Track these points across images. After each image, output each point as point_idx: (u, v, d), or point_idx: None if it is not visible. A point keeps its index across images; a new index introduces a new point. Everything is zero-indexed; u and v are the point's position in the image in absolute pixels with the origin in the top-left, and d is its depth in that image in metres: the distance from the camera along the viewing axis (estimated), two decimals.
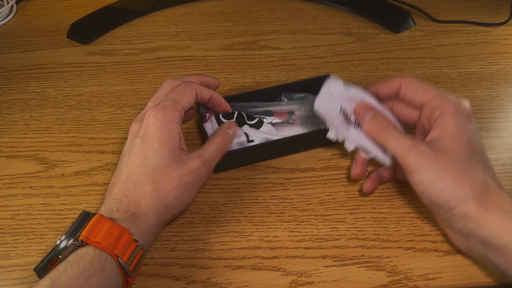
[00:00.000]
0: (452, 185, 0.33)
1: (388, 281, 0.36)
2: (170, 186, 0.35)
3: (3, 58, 0.58)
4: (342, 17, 0.65)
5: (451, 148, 0.34)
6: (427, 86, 0.38)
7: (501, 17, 0.64)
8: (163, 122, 0.36)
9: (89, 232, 0.31)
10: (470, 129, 0.35)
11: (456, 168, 0.33)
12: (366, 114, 0.39)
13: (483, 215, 0.32)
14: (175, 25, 0.63)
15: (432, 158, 0.34)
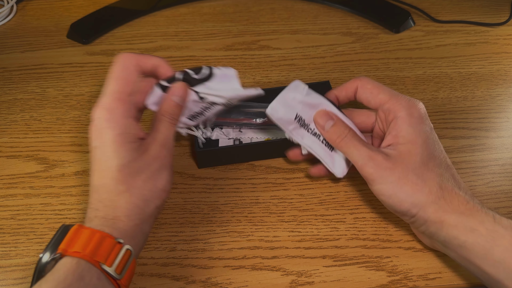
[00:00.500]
0: (410, 195, 0.34)
1: (388, 281, 0.36)
2: (140, 180, 0.34)
3: (3, 58, 0.58)
4: (342, 17, 0.65)
5: (407, 155, 0.35)
6: (381, 88, 0.38)
7: (501, 17, 0.64)
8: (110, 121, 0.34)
9: (67, 244, 0.30)
10: (424, 131, 0.35)
11: (413, 176, 0.34)
12: (326, 123, 0.38)
13: (441, 219, 0.33)
14: (175, 25, 0.63)
15: (388, 168, 0.34)
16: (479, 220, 0.32)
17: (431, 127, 0.36)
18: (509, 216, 0.40)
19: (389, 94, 0.37)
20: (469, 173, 0.44)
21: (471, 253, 0.32)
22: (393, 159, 0.35)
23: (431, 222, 0.34)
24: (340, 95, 0.41)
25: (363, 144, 0.36)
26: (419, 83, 0.54)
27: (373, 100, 0.38)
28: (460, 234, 0.32)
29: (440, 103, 0.51)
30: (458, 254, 0.33)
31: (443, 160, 0.35)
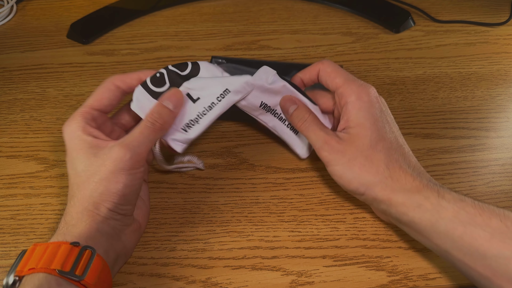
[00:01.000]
0: (358, 175, 0.36)
1: (388, 281, 0.36)
2: (92, 183, 0.33)
3: (3, 58, 0.58)
4: (342, 17, 0.65)
5: (356, 138, 0.37)
6: (339, 73, 0.39)
7: (501, 17, 0.64)
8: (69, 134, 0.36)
9: (23, 265, 0.30)
10: (373, 115, 0.37)
11: (361, 158, 0.36)
12: (290, 107, 0.41)
13: (389, 197, 0.35)
14: (175, 25, 0.63)
15: (340, 151, 0.37)
16: (425, 196, 0.34)
17: (381, 110, 0.38)
18: None
19: (344, 79, 0.39)
20: (469, 173, 0.44)
21: (419, 227, 0.34)
22: (344, 142, 0.37)
23: (380, 200, 0.36)
24: (305, 77, 0.42)
25: (321, 128, 0.39)
26: (419, 83, 0.54)
27: (330, 84, 0.40)
28: (408, 210, 0.34)
29: (440, 103, 0.51)
30: (409, 228, 0.35)
31: (393, 141, 0.37)
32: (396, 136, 0.38)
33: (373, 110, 0.38)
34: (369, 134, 0.37)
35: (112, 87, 0.38)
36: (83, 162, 0.34)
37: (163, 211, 0.41)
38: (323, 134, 0.38)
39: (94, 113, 0.37)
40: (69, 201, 0.35)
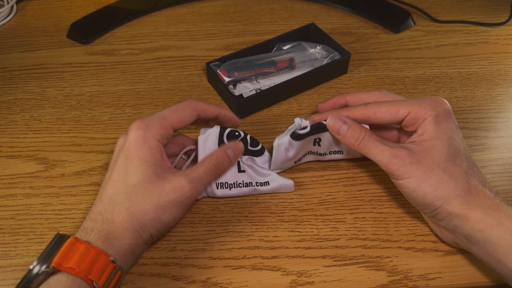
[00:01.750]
0: (435, 188, 0.34)
1: (388, 281, 0.36)
2: (147, 204, 0.34)
3: (3, 58, 0.58)
4: (342, 17, 0.65)
5: (432, 150, 0.35)
6: (398, 104, 0.38)
7: (501, 17, 0.64)
8: (143, 138, 0.35)
9: (62, 258, 0.30)
10: (450, 128, 0.36)
11: (439, 170, 0.34)
12: (341, 128, 0.38)
13: (466, 212, 0.33)
14: (175, 25, 0.63)
15: (414, 163, 0.35)
16: (506, 215, 0.32)
17: (456, 125, 0.37)
18: None
19: (409, 105, 0.37)
20: None
21: (495, 247, 0.32)
22: (417, 154, 0.35)
23: (455, 215, 0.34)
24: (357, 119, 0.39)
25: (382, 142, 0.37)
26: (419, 83, 0.54)
27: (395, 118, 0.38)
28: (485, 227, 0.32)
29: None
30: (482, 248, 0.33)
31: (468, 157, 0.36)
32: (470, 154, 0.37)
33: (449, 124, 0.36)
34: (446, 146, 0.35)
35: (194, 113, 0.38)
36: (143, 176, 0.34)
37: None
38: (388, 148, 0.36)
39: (170, 132, 0.37)
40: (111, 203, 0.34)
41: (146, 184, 0.34)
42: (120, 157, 0.35)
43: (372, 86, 0.53)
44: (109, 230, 0.33)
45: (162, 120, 0.36)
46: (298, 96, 0.52)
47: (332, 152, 0.43)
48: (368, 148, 0.37)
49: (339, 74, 0.55)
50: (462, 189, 0.34)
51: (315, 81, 0.53)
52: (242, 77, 0.51)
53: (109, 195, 0.34)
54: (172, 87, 0.54)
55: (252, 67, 0.52)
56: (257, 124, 0.48)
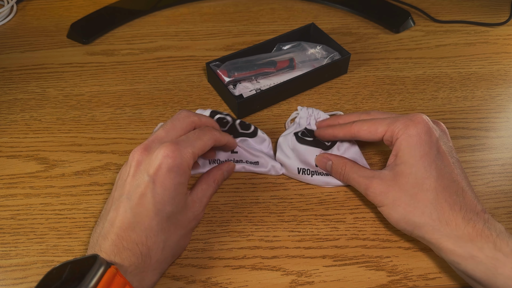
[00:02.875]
0: (403, 216, 0.35)
1: (388, 281, 0.36)
2: (178, 235, 0.34)
3: (3, 58, 0.58)
4: (342, 17, 0.65)
5: (400, 176, 0.36)
6: (377, 123, 0.38)
7: (501, 17, 0.64)
8: (179, 168, 0.33)
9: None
10: (421, 150, 0.35)
11: (406, 197, 0.35)
12: (326, 165, 0.41)
13: (438, 241, 0.33)
14: (175, 25, 0.63)
15: (383, 193, 0.36)
16: (478, 247, 0.31)
17: (431, 143, 0.35)
18: (509, 216, 0.41)
19: (386, 124, 0.38)
20: (469, 173, 0.44)
21: (474, 277, 0.32)
22: (387, 182, 0.36)
23: (429, 241, 0.34)
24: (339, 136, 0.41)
25: (360, 175, 0.38)
26: (419, 83, 0.54)
27: (375, 136, 0.39)
28: (459, 260, 0.32)
29: (440, 103, 0.51)
30: (465, 276, 0.34)
31: (444, 177, 0.34)
32: (450, 171, 0.35)
33: (421, 145, 0.35)
34: (413, 172, 0.35)
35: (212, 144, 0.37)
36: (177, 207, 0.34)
37: None
38: (364, 180, 0.38)
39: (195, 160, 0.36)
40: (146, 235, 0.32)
41: (178, 215, 0.34)
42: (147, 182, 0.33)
43: (372, 86, 0.53)
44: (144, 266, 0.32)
45: (192, 148, 0.35)
46: (298, 96, 0.52)
47: None
48: (349, 181, 0.40)
49: (339, 74, 0.55)
50: (429, 218, 0.33)
51: (315, 81, 0.53)
52: (242, 77, 0.51)
53: (143, 224, 0.32)
54: (172, 87, 0.54)
55: (252, 67, 0.52)
56: (257, 124, 0.48)
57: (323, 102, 0.52)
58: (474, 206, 0.34)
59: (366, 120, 0.39)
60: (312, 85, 0.53)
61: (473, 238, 0.32)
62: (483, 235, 0.32)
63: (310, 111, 0.46)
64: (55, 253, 0.38)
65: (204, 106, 0.51)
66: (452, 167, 0.35)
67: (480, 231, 0.32)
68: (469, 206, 0.33)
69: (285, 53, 0.54)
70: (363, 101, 0.52)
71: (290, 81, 0.50)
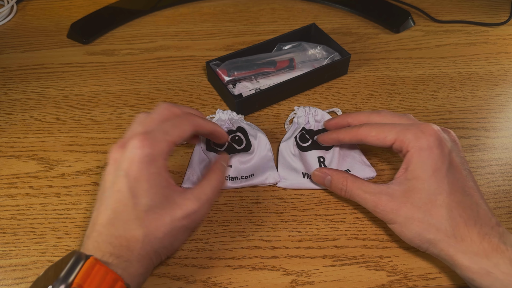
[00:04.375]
0: (418, 233, 0.34)
1: (388, 281, 0.36)
2: (161, 232, 0.32)
3: (4, 58, 0.58)
4: (342, 17, 0.65)
5: (412, 192, 0.34)
6: (386, 129, 0.37)
7: (501, 17, 0.64)
8: (150, 157, 0.32)
9: (83, 279, 0.28)
10: (433, 164, 0.34)
11: (419, 215, 0.33)
12: (325, 180, 0.40)
13: (453, 257, 0.33)
14: (175, 25, 0.63)
15: (394, 210, 0.34)
16: (494, 263, 0.31)
17: (443, 155, 0.34)
18: (509, 216, 0.41)
19: (396, 132, 0.36)
20: None
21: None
22: (398, 199, 0.34)
23: (443, 258, 0.34)
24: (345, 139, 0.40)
25: (365, 190, 0.36)
26: (419, 83, 0.54)
27: (384, 144, 0.37)
28: (474, 276, 0.31)
29: (440, 103, 0.51)
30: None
31: (458, 191, 0.34)
32: (463, 185, 0.34)
33: (433, 159, 0.34)
34: (426, 188, 0.33)
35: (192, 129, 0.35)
36: (154, 201, 0.32)
37: None
38: (371, 197, 0.36)
39: (172, 149, 0.34)
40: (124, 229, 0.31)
41: (159, 210, 0.32)
42: (121, 176, 0.32)
43: (372, 86, 0.53)
44: (127, 258, 0.31)
45: (166, 136, 0.33)
46: (298, 96, 0.52)
47: None
48: (352, 197, 0.38)
49: (339, 75, 0.55)
50: (444, 234, 0.33)
51: (315, 81, 0.53)
52: (242, 76, 0.51)
53: (121, 219, 0.32)
54: (172, 87, 0.54)
55: (252, 66, 0.52)
56: (256, 124, 0.48)
57: (323, 102, 0.52)
58: (489, 219, 0.33)
59: (375, 125, 0.38)
60: (312, 85, 0.53)
61: (489, 254, 0.31)
62: (499, 250, 0.31)
63: (307, 110, 0.46)
64: (55, 253, 0.38)
65: (204, 106, 0.51)
66: (465, 180, 0.34)
67: (495, 246, 0.31)
68: (483, 220, 0.33)
69: (285, 53, 0.54)
70: (363, 101, 0.52)
71: (289, 81, 0.50)
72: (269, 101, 0.51)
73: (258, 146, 0.45)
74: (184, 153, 0.46)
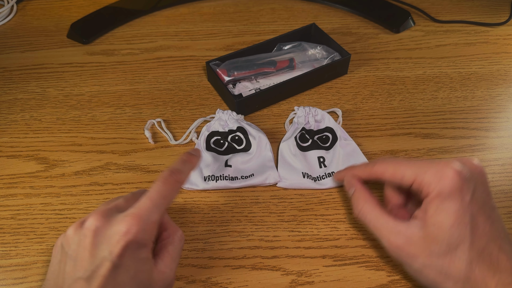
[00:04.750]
0: (434, 282, 0.32)
1: (388, 281, 0.36)
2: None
3: (4, 58, 0.58)
4: (342, 17, 0.65)
5: (432, 240, 0.32)
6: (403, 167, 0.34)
7: (501, 17, 0.64)
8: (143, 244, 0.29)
9: None
10: (457, 209, 0.31)
11: (437, 264, 0.32)
12: (350, 189, 0.38)
13: None
14: (175, 25, 0.63)
15: (411, 255, 0.33)
16: None
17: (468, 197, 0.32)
18: (509, 216, 0.41)
19: (414, 171, 0.34)
20: None
21: None
22: (417, 245, 0.32)
23: None
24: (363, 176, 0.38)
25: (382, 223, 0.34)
26: (419, 83, 0.54)
27: (401, 183, 0.35)
28: None
29: (440, 103, 0.51)
30: None
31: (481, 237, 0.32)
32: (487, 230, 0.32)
33: (456, 204, 0.31)
34: (447, 238, 0.31)
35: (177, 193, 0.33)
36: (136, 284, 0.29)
37: None
38: (386, 232, 0.34)
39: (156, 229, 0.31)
40: None
41: None
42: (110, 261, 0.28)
43: (372, 86, 0.53)
44: None
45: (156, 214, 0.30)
46: (298, 96, 0.52)
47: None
48: (365, 223, 0.36)
49: (339, 75, 0.55)
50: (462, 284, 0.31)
51: (315, 81, 0.53)
52: (242, 76, 0.51)
53: None
54: (172, 87, 0.54)
55: (252, 66, 0.52)
56: (256, 124, 0.48)
57: (323, 102, 0.52)
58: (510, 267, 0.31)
59: (390, 162, 0.36)
60: (312, 85, 0.53)
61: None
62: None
63: (307, 110, 0.47)
64: None
65: (204, 106, 0.51)
66: (488, 224, 0.32)
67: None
68: (503, 269, 0.31)
69: (285, 53, 0.54)
70: (363, 101, 0.52)
71: (289, 81, 0.50)
72: (269, 101, 0.51)
73: (258, 146, 0.45)
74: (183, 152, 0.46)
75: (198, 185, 0.42)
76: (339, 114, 0.49)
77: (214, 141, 0.46)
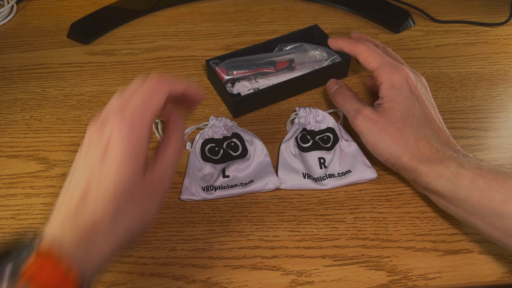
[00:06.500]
0: (389, 145, 0.39)
1: (388, 281, 0.36)
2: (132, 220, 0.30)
3: (4, 58, 0.58)
4: (342, 17, 0.65)
5: (388, 111, 0.40)
6: (373, 57, 0.43)
7: (501, 17, 0.64)
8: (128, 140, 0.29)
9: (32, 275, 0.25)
10: (403, 93, 0.41)
11: (392, 129, 0.40)
12: (333, 87, 0.47)
13: (415, 167, 0.38)
14: (175, 25, 0.63)
15: (372, 121, 0.40)
16: (445, 166, 0.36)
17: (410, 90, 0.41)
18: None
19: (378, 63, 0.43)
20: None
21: (442, 195, 0.37)
22: (377, 113, 0.41)
23: (408, 170, 0.39)
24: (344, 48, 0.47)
25: (357, 101, 0.43)
26: None
27: (368, 67, 0.44)
28: (431, 180, 0.37)
29: (440, 103, 0.51)
30: (436, 197, 0.38)
31: (422, 117, 0.40)
32: (428, 113, 0.40)
33: (404, 90, 0.41)
34: (400, 109, 0.40)
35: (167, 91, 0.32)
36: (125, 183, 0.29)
37: (163, 211, 0.41)
38: (358, 105, 0.42)
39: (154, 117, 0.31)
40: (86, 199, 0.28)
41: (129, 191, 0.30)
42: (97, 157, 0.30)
43: None
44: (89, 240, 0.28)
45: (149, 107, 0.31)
46: (298, 96, 0.52)
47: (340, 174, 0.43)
48: (345, 103, 0.44)
49: (339, 77, 0.55)
50: (411, 147, 0.39)
51: (314, 83, 0.53)
52: (241, 75, 0.52)
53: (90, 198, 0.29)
54: None
55: (251, 66, 0.52)
56: (256, 124, 0.48)
57: (323, 102, 0.52)
58: (448, 140, 0.39)
59: (370, 49, 0.44)
60: (311, 87, 0.53)
61: (442, 160, 0.37)
62: (451, 157, 0.37)
63: (308, 110, 0.46)
64: None
65: (204, 106, 0.51)
66: (429, 111, 0.41)
67: (449, 155, 0.37)
68: (442, 139, 0.39)
69: (286, 53, 0.54)
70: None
71: (287, 82, 0.50)
72: (266, 101, 0.51)
73: (255, 152, 0.44)
74: (184, 152, 0.46)
75: (197, 196, 0.42)
76: (340, 114, 0.49)
77: (209, 149, 0.45)
